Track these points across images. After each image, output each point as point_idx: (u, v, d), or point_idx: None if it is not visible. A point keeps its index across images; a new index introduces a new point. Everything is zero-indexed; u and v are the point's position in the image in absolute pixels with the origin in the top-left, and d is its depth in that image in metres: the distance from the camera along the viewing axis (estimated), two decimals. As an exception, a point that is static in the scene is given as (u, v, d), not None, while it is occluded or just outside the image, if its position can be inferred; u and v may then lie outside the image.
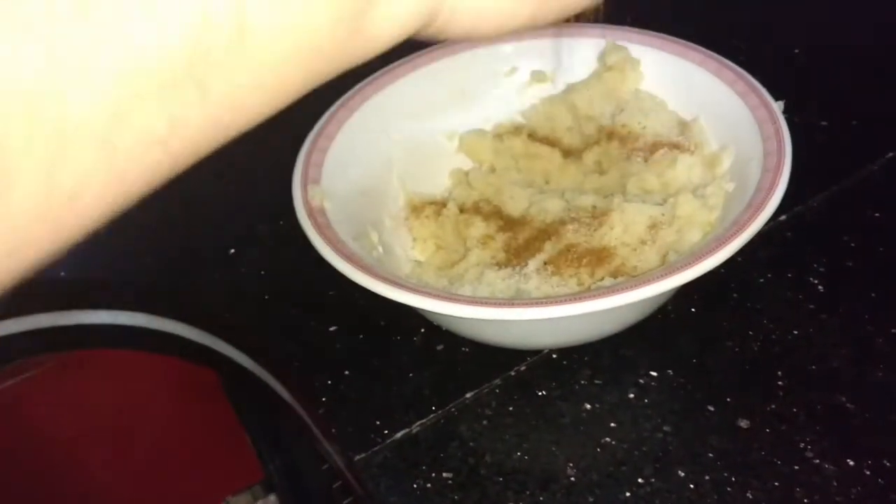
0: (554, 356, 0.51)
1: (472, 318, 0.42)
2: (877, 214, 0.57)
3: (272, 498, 0.96)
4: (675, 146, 0.53)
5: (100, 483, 0.87)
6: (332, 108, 0.55)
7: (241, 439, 0.87)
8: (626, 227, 0.49)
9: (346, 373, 0.52)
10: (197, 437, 0.92)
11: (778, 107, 0.50)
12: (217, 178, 0.70)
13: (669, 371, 0.49)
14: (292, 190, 0.50)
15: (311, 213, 0.48)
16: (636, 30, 0.58)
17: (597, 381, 0.49)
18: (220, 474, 0.95)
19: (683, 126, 0.55)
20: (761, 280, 0.54)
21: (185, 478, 0.93)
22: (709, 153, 0.52)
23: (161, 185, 0.23)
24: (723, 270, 0.54)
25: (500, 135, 0.59)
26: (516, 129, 0.59)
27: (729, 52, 0.57)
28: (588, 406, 0.48)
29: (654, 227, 0.49)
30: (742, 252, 0.55)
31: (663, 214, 0.49)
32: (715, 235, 0.44)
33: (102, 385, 0.82)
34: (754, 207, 0.43)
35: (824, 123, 0.65)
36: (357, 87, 0.57)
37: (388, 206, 0.56)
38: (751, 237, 0.42)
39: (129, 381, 0.83)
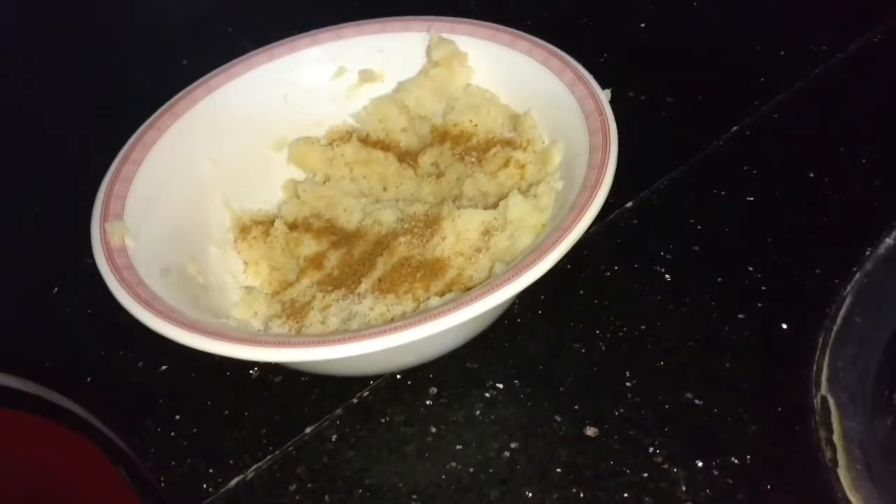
0: (398, 377, 0.48)
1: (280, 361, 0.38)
2: (722, 193, 0.56)
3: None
4: (508, 143, 0.50)
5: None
6: (139, 130, 0.50)
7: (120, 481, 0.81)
8: (458, 235, 0.46)
9: (177, 417, 0.48)
10: (71, 486, 0.86)
11: (605, 96, 0.47)
12: (36, 206, 0.64)
13: (516, 381, 0.47)
14: (91, 227, 0.45)
15: (109, 254, 0.43)
16: (464, 20, 0.55)
17: (442, 400, 0.47)
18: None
19: (516, 120, 0.52)
20: (608, 274, 0.52)
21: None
22: (540, 148, 0.50)
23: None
24: (569, 266, 0.52)
25: (331, 141, 0.55)
26: (349, 134, 0.56)
27: (580, 32, 0.54)
28: (433, 429, 0.46)
29: (487, 233, 0.46)
30: (588, 244, 0.53)
31: (496, 219, 0.46)
32: (539, 242, 0.41)
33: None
34: (577, 210, 0.40)
35: (671, 100, 0.63)
36: (167, 103, 0.52)
37: (211, 232, 0.51)
38: (573, 244, 0.39)
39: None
